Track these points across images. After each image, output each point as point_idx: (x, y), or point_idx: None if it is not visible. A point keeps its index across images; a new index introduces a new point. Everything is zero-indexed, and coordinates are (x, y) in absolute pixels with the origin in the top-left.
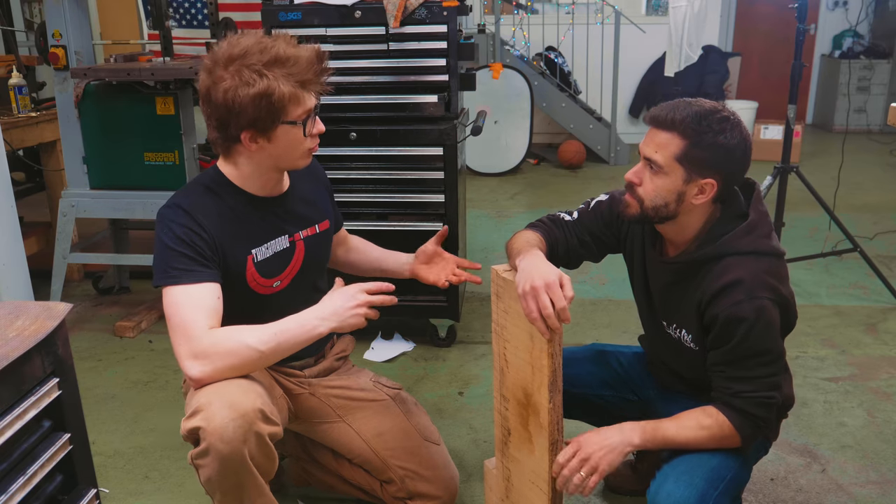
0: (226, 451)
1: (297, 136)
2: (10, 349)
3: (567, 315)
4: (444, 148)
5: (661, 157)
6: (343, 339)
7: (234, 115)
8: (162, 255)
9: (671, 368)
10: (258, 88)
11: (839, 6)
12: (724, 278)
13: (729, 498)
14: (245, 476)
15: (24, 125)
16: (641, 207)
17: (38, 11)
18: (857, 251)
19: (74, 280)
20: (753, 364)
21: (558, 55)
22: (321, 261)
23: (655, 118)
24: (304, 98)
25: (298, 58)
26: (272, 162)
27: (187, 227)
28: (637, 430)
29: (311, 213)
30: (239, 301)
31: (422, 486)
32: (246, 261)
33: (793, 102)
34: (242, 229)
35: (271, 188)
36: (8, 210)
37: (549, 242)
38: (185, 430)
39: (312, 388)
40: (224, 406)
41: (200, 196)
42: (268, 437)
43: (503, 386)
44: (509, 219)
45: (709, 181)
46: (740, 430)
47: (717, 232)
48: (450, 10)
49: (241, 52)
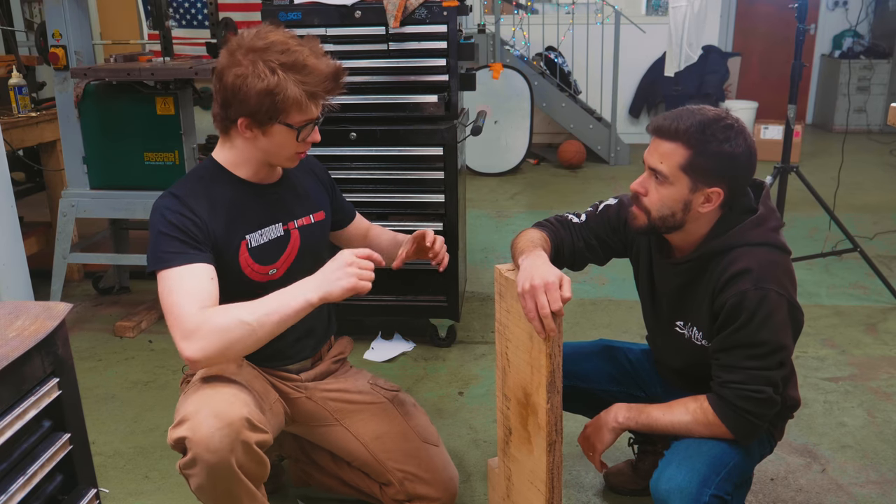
0: (213, 461)
1: (289, 139)
2: (10, 349)
3: (561, 317)
4: (444, 148)
5: (666, 167)
6: (341, 340)
7: (237, 100)
8: (155, 241)
9: (678, 370)
10: (267, 84)
11: (839, 6)
12: (732, 268)
13: (731, 484)
14: (234, 484)
15: (24, 125)
16: (649, 218)
17: (38, 11)
18: (857, 251)
19: (74, 280)
20: (746, 355)
21: (558, 55)
22: (318, 251)
23: (659, 128)
24: (308, 107)
25: (316, 69)
26: (261, 154)
27: (179, 213)
28: (623, 409)
29: (306, 202)
30: (235, 289)
31: (421, 488)
32: (240, 246)
33: (793, 102)
34: (236, 215)
35: (264, 175)
36: (8, 210)
37: (555, 243)
38: (172, 440)
39: (309, 392)
40: (210, 415)
41: (194, 185)
42: (255, 445)
43: (505, 385)
44: (509, 219)
45: (715, 190)
46: (724, 421)
47: (726, 226)
48: (450, 10)
49: (265, 46)
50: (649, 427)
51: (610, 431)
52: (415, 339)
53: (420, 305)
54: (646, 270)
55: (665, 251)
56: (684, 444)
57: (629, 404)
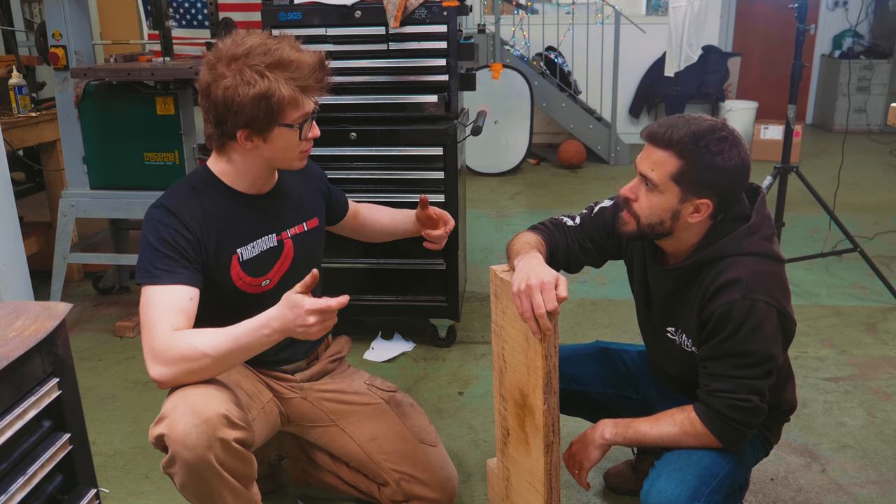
0: (190, 458)
1: (292, 139)
2: (10, 349)
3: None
4: (444, 148)
5: (657, 176)
6: (339, 340)
7: (232, 112)
8: (144, 254)
9: (671, 375)
10: (259, 89)
11: (839, 6)
12: (722, 277)
13: (722, 495)
14: (216, 482)
15: (24, 125)
16: (638, 224)
17: (38, 11)
18: (857, 251)
19: (74, 280)
20: (734, 364)
21: (558, 55)
22: (312, 258)
23: (653, 135)
24: (303, 102)
25: (301, 62)
26: (265, 161)
27: (172, 228)
28: (609, 425)
29: (299, 210)
30: (228, 301)
31: (417, 488)
32: (231, 260)
33: (793, 102)
34: (228, 228)
35: (260, 186)
36: (8, 210)
37: (550, 246)
38: (152, 438)
39: (304, 393)
40: (186, 412)
41: (187, 196)
42: (234, 442)
43: (502, 386)
44: (509, 219)
45: (704, 201)
46: (711, 429)
47: (718, 234)
48: (450, 10)
49: (245, 52)
50: (637, 441)
51: (597, 448)
52: (415, 339)
53: (420, 305)
54: (640, 275)
55: (658, 258)
56: (674, 456)
57: (615, 420)
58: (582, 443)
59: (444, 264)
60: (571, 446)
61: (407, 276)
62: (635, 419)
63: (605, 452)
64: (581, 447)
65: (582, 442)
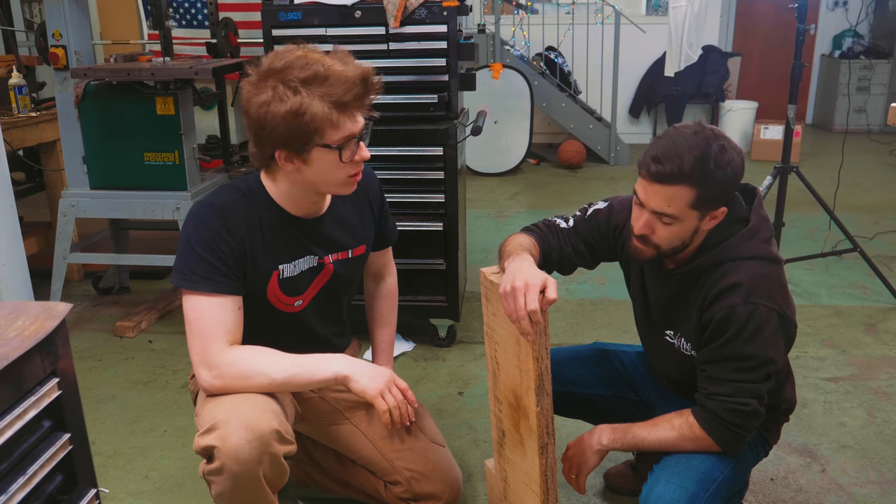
0: (239, 472)
1: (333, 161)
2: (10, 349)
3: (538, 318)
4: (444, 148)
5: (675, 209)
6: (352, 345)
7: (266, 132)
8: (185, 255)
9: (670, 377)
10: (289, 106)
11: (839, 6)
12: (723, 282)
13: (721, 499)
14: (257, 493)
15: (24, 125)
16: (658, 252)
17: (38, 11)
18: (857, 251)
19: (74, 280)
20: (733, 367)
21: (558, 55)
22: (349, 283)
23: (661, 175)
24: (341, 121)
25: (340, 77)
26: (309, 185)
27: (215, 231)
28: (607, 431)
29: (347, 237)
30: (256, 315)
31: (428, 486)
32: (270, 275)
33: (793, 102)
34: (271, 244)
35: (307, 209)
36: (8, 210)
37: (543, 248)
38: (199, 447)
39: (322, 392)
40: (241, 426)
41: (236, 200)
42: (282, 457)
43: (496, 388)
44: (509, 219)
45: (721, 210)
46: (710, 433)
47: (718, 237)
48: (450, 10)
49: (283, 66)
50: (635, 447)
51: (595, 454)
52: (415, 339)
53: (420, 305)
54: (637, 278)
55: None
56: (673, 460)
57: (613, 425)
58: (579, 448)
59: (444, 264)
60: (568, 450)
61: (407, 275)
62: (633, 424)
63: (602, 458)
64: (578, 452)
65: (579, 447)
